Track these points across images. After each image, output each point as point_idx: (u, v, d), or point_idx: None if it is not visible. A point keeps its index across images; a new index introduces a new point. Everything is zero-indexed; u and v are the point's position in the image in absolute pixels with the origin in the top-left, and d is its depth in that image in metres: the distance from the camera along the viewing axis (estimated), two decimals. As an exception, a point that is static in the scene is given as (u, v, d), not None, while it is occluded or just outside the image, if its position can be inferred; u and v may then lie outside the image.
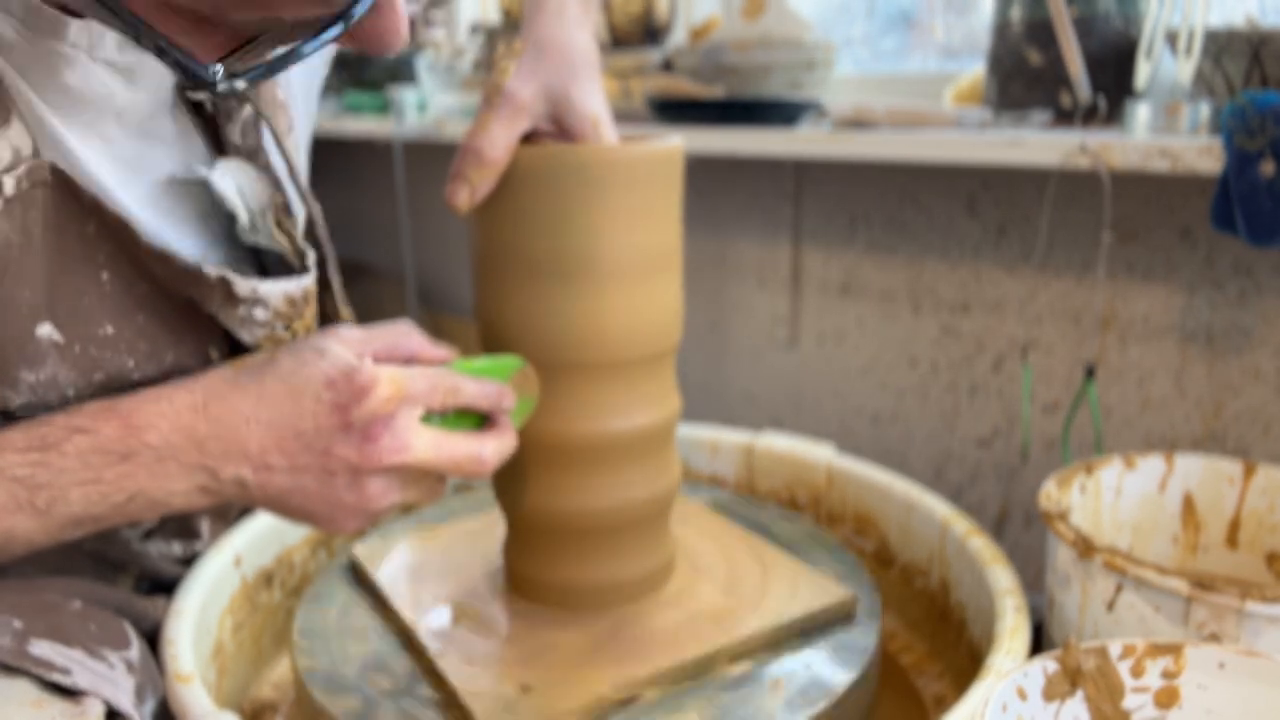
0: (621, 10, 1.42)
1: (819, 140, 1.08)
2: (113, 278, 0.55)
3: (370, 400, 0.52)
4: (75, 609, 0.59)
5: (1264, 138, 0.77)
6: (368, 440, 0.53)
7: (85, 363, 0.54)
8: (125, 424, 0.52)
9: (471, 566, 0.73)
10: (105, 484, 0.51)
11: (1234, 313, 0.99)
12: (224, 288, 0.57)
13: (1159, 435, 1.07)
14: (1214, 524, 0.78)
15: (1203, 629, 0.58)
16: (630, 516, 0.66)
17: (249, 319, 0.59)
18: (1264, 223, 0.79)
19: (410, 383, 0.54)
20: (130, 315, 0.56)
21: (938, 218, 1.20)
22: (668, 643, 0.63)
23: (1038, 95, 1.01)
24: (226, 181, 0.60)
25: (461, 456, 0.56)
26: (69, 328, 0.54)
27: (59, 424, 0.51)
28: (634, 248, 0.61)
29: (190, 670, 0.59)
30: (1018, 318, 1.15)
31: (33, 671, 0.52)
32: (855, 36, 1.44)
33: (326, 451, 0.53)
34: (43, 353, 0.53)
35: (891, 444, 1.30)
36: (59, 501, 0.50)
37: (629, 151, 0.60)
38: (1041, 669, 0.52)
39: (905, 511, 0.80)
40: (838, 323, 1.32)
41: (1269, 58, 0.82)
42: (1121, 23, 0.97)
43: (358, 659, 0.64)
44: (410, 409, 0.54)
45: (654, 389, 0.65)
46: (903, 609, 0.82)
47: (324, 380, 0.53)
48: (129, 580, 0.68)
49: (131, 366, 0.56)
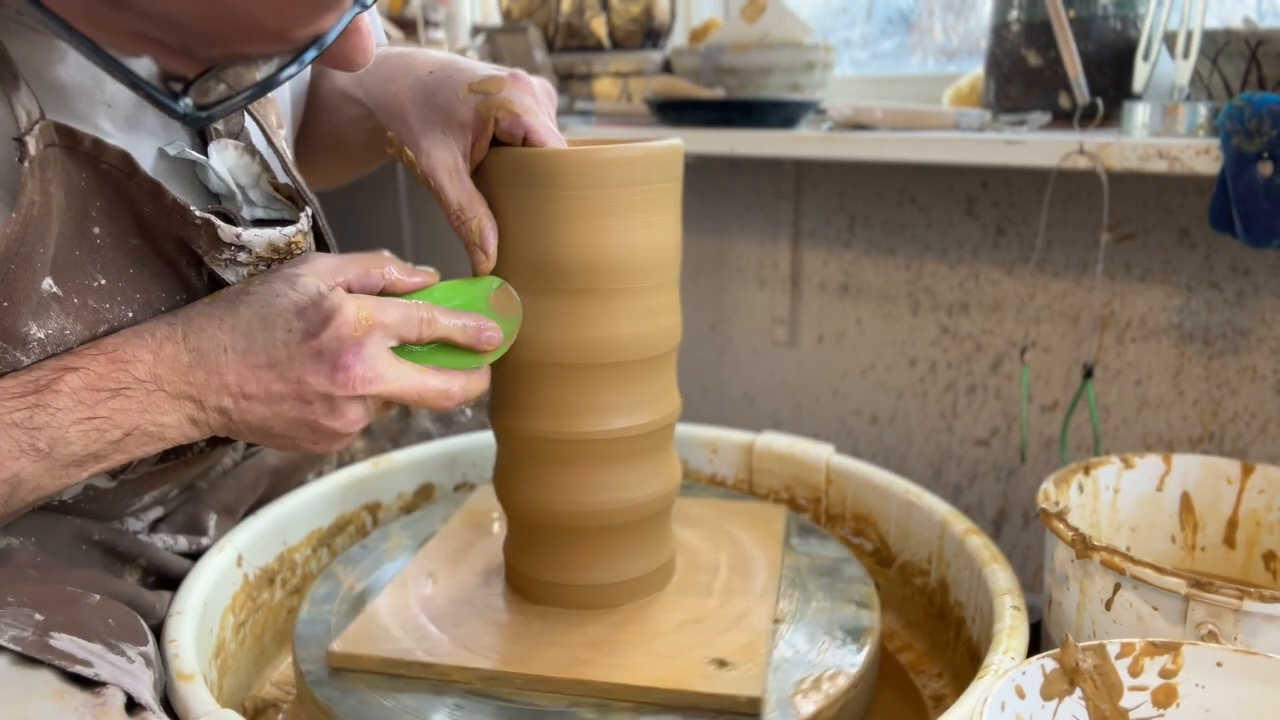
0: (621, 12, 1.43)
1: (818, 141, 1.09)
2: (103, 231, 0.56)
3: (335, 325, 0.53)
4: (94, 603, 0.60)
5: (1262, 139, 0.78)
6: (338, 369, 0.54)
7: (87, 314, 0.55)
8: (111, 359, 0.53)
9: (472, 565, 0.74)
10: (100, 419, 0.52)
11: (1232, 313, 1.00)
12: (209, 229, 0.58)
13: (1157, 435, 1.07)
14: (1212, 523, 0.78)
15: (1200, 628, 0.58)
16: (630, 516, 0.66)
17: (233, 261, 0.60)
18: (1261, 223, 0.79)
19: (381, 311, 0.55)
20: (121, 268, 0.57)
21: (936, 218, 1.20)
22: (666, 643, 0.63)
23: (1036, 96, 1.01)
24: (218, 162, 0.61)
25: (430, 391, 0.57)
26: (64, 280, 0.54)
27: (49, 366, 0.52)
28: (634, 250, 0.61)
29: (193, 669, 0.59)
30: (1016, 318, 1.15)
31: (55, 663, 0.53)
32: (854, 38, 1.45)
33: (300, 380, 0.54)
34: (45, 305, 0.54)
35: (890, 444, 1.31)
36: (60, 442, 0.51)
37: (628, 152, 0.60)
38: (1040, 668, 0.52)
39: (904, 511, 0.81)
40: (837, 323, 1.33)
41: (1266, 59, 0.83)
42: (1119, 24, 0.98)
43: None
44: (382, 338, 0.55)
45: (654, 389, 0.65)
46: (901, 608, 0.82)
47: (294, 309, 0.54)
48: (136, 573, 0.68)
49: (132, 318, 0.57)
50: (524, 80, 0.62)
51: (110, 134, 0.57)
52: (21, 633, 0.54)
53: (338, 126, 0.76)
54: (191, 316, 0.55)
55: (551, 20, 1.45)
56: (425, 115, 0.62)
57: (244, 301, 0.55)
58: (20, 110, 0.50)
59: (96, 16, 0.42)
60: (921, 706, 0.73)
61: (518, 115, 0.60)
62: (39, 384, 0.51)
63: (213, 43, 0.44)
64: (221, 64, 0.47)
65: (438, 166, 0.61)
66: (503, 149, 0.61)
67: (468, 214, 0.60)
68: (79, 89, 0.55)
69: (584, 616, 0.66)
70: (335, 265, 0.57)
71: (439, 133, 0.61)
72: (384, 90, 0.66)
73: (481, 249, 0.61)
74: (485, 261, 0.61)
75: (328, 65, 0.49)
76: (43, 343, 0.53)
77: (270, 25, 0.43)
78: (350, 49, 0.48)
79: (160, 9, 0.41)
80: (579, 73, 1.43)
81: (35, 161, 0.50)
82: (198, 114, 0.47)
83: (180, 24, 0.42)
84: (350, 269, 0.58)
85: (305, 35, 0.45)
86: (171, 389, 0.53)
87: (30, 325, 0.53)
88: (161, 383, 0.53)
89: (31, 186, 0.50)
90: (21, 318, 0.52)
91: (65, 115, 0.54)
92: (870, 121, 1.07)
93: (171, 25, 0.42)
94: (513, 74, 0.62)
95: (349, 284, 0.57)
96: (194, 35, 0.43)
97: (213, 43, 0.44)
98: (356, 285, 0.57)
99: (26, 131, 0.50)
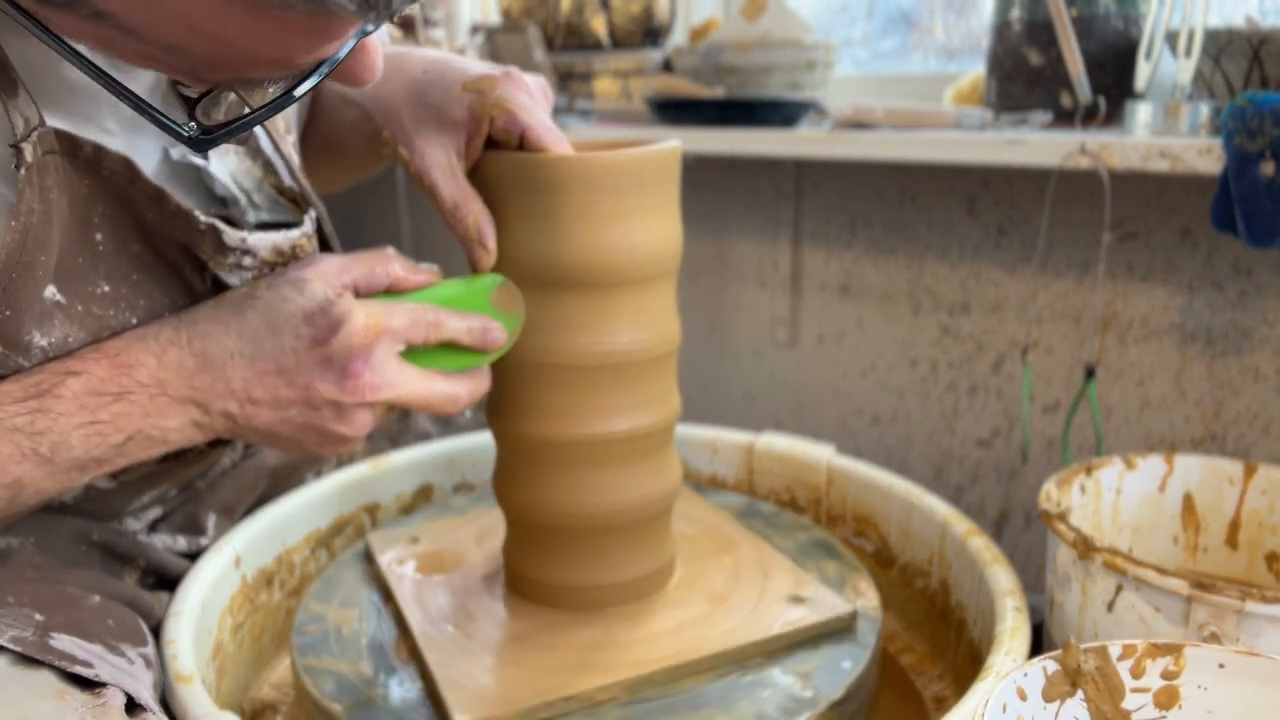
0: (621, 10, 1.42)
1: (819, 140, 1.08)
2: (105, 238, 0.56)
3: (345, 333, 0.53)
4: (94, 603, 0.59)
5: (1264, 138, 0.77)
6: (347, 376, 0.54)
7: (91, 322, 0.55)
8: (114, 364, 0.53)
9: (472, 566, 0.74)
10: (103, 424, 0.52)
11: (1234, 313, 0.99)
12: (214, 235, 0.58)
13: (1159, 436, 1.07)
14: (1214, 524, 0.78)
15: (1203, 629, 0.58)
16: (630, 517, 0.66)
17: (238, 266, 0.60)
18: (1264, 223, 0.79)
19: (389, 317, 0.55)
20: (124, 274, 0.57)
21: (938, 218, 1.20)
22: (666, 645, 0.63)
23: (1038, 96, 1.01)
24: (219, 166, 0.61)
25: (437, 397, 0.57)
26: (67, 288, 0.54)
27: (51, 369, 0.52)
28: (634, 252, 0.61)
29: (191, 670, 0.59)
30: (1018, 318, 1.15)
31: (55, 664, 0.53)
32: (855, 37, 1.44)
33: (308, 386, 0.54)
34: (49, 313, 0.53)
35: (891, 444, 1.30)
36: (61, 447, 0.51)
37: (627, 157, 0.60)
38: (1041, 669, 0.52)
39: (905, 512, 0.80)
40: (837, 323, 1.32)
41: (1269, 58, 0.82)
42: (1121, 23, 0.97)
43: (357, 658, 0.64)
44: (390, 343, 0.55)
45: (654, 391, 0.65)
46: (903, 609, 0.82)
47: (302, 315, 0.54)
48: (135, 574, 0.68)
49: (135, 324, 0.57)
50: (518, 78, 0.62)
51: (115, 133, 0.57)
52: (22, 633, 0.54)
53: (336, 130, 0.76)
54: (196, 320, 0.55)
55: (551, 19, 1.45)
56: (419, 114, 0.62)
57: (251, 306, 0.55)
58: (17, 117, 0.50)
59: (107, 39, 0.42)
60: (923, 708, 0.73)
61: (513, 113, 0.59)
62: (41, 388, 0.51)
63: (218, 68, 0.44)
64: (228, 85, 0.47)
65: (431, 165, 0.61)
66: (502, 153, 0.61)
67: (463, 211, 0.60)
68: (86, 89, 0.55)
69: (584, 617, 0.66)
70: (340, 266, 0.57)
71: (433, 131, 0.61)
72: (379, 91, 0.66)
73: (480, 244, 0.61)
74: (485, 256, 0.61)
75: (334, 81, 0.49)
76: (45, 350, 0.53)
77: (273, 56, 0.43)
78: (358, 66, 0.48)
79: (166, 40, 0.41)
80: (579, 72, 1.43)
81: (33, 168, 0.50)
82: (203, 138, 0.46)
83: (186, 52, 0.42)
84: (356, 269, 0.57)
85: (310, 61, 0.45)
86: (175, 393, 0.53)
87: (33, 333, 0.53)
88: (165, 387, 0.53)
89: (30, 194, 0.50)
90: (24, 326, 0.52)
91: (71, 115, 0.54)
92: (871, 121, 1.07)
93: (179, 53, 0.42)
94: (506, 72, 0.62)
95: (355, 284, 0.57)
96: (199, 62, 0.43)
97: (218, 68, 0.44)
98: (363, 284, 0.57)
99: (23, 138, 0.50)
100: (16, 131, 0.50)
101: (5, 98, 0.50)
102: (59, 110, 0.53)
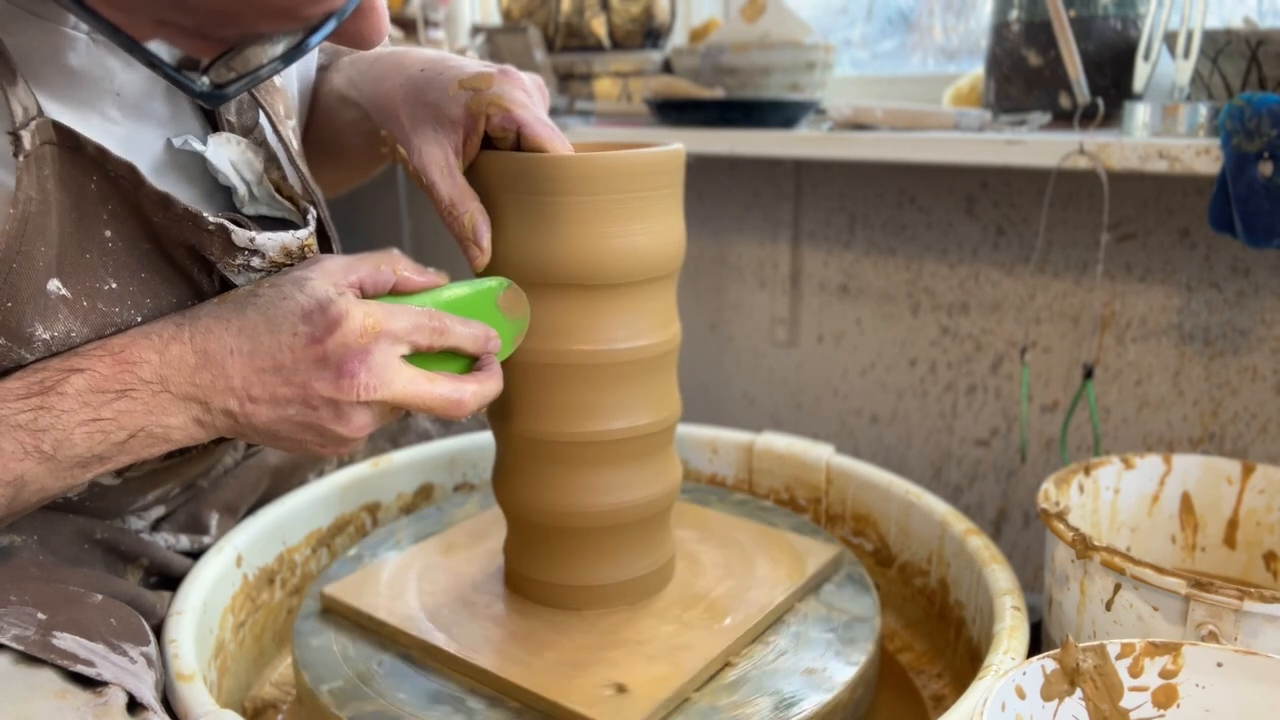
0: (621, 11, 1.43)
1: (818, 141, 1.09)
2: (115, 235, 0.56)
3: (342, 332, 0.53)
4: (96, 603, 0.60)
5: (1262, 139, 0.77)
6: (343, 375, 0.53)
7: (95, 317, 0.55)
8: (117, 360, 0.52)
9: (472, 566, 0.74)
10: (105, 421, 0.52)
11: (1232, 313, 1.00)
12: (222, 235, 0.58)
13: (1157, 435, 1.07)
14: (1212, 524, 0.78)
15: (1201, 628, 0.58)
16: (630, 516, 0.66)
17: (246, 266, 0.60)
18: (1262, 224, 0.79)
19: (389, 318, 0.55)
20: (134, 271, 0.57)
21: (937, 218, 1.20)
22: (666, 645, 0.63)
23: (1036, 96, 1.01)
24: (220, 155, 0.61)
25: (438, 399, 0.56)
26: (74, 283, 0.54)
27: (54, 366, 0.52)
28: (635, 254, 0.61)
29: (192, 669, 0.59)
30: (1016, 318, 1.15)
31: (57, 663, 0.53)
32: (854, 38, 1.45)
33: (305, 385, 0.54)
34: (53, 307, 0.53)
35: (891, 444, 1.31)
36: (64, 444, 0.51)
37: (630, 158, 0.60)
38: (1040, 668, 0.52)
39: (904, 511, 0.81)
40: (837, 323, 1.33)
41: (1267, 59, 0.83)
42: (1120, 24, 0.98)
43: (358, 658, 0.64)
44: (389, 344, 0.55)
45: (655, 391, 0.65)
46: (902, 608, 0.82)
47: (301, 313, 0.54)
48: (138, 573, 0.68)
49: (140, 322, 0.57)
50: (514, 75, 0.62)
51: (118, 121, 0.57)
52: (24, 632, 0.54)
53: (335, 131, 0.76)
54: (199, 317, 0.55)
55: (551, 20, 1.45)
56: (416, 113, 0.62)
57: (251, 304, 0.55)
58: (16, 105, 0.50)
59: (120, 2, 0.43)
60: (921, 707, 0.73)
61: (509, 110, 0.60)
62: (44, 385, 0.51)
63: (227, 22, 0.45)
64: (238, 45, 0.47)
65: (429, 163, 0.61)
66: (502, 153, 0.61)
67: (459, 209, 0.60)
68: (89, 77, 0.55)
69: (583, 617, 0.66)
70: (346, 265, 0.57)
71: (430, 130, 0.61)
72: (377, 90, 0.66)
73: (475, 243, 0.61)
74: (480, 256, 0.61)
75: (342, 44, 0.50)
76: (48, 344, 0.53)
77: (283, 4, 0.44)
78: (366, 27, 0.49)
79: None
80: (579, 73, 1.43)
81: (31, 157, 0.50)
82: (215, 92, 0.47)
83: (196, 6, 0.43)
84: (361, 268, 0.57)
85: (318, 12, 0.46)
86: (177, 390, 0.53)
87: (36, 326, 0.53)
88: (167, 384, 0.53)
89: (27, 182, 0.50)
90: (26, 318, 0.52)
91: (73, 104, 0.54)
92: (870, 121, 1.07)
93: (188, 8, 0.43)
94: (502, 70, 0.62)
95: (360, 283, 0.57)
96: (209, 16, 0.44)
97: (227, 22, 0.45)
98: (368, 284, 0.57)
99: (22, 126, 0.50)
100: (15, 119, 0.50)
101: (4, 85, 0.50)
102: (60, 99, 0.53)
